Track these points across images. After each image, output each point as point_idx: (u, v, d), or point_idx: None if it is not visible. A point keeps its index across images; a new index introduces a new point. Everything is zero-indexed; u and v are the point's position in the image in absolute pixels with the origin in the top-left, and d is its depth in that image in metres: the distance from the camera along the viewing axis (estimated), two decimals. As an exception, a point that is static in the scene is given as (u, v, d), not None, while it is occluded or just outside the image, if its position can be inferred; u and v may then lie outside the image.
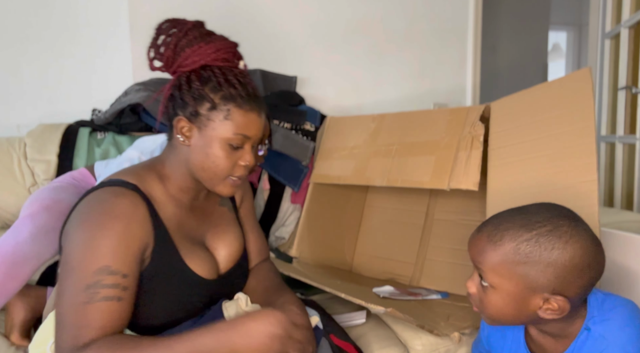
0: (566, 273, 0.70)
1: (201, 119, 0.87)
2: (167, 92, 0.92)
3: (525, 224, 0.73)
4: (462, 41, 2.43)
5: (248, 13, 2.00)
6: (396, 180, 1.34)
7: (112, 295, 0.76)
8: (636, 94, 2.27)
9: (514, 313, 0.75)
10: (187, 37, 0.90)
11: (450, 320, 1.18)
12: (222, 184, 0.91)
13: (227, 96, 0.87)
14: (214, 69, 0.89)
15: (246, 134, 0.88)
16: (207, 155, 0.88)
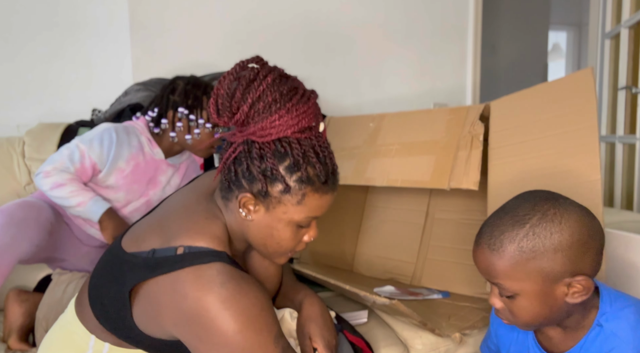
0: (574, 251, 0.70)
1: (271, 200, 0.77)
2: (232, 153, 0.78)
3: (515, 221, 0.73)
4: (462, 41, 2.43)
5: (248, 13, 2.00)
6: (396, 180, 1.34)
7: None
8: (636, 94, 2.27)
9: (547, 311, 0.74)
10: (265, 100, 0.75)
11: (452, 320, 1.18)
12: (282, 257, 0.86)
13: (304, 179, 0.76)
14: (292, 143, 0.76)
15: (317, 216, 0.82)
16: (272, 236, 0.80)
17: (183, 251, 0.73)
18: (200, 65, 1.93)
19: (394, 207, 1.70)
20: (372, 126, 1.53)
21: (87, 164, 1.22)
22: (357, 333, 1.07)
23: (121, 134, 1.27)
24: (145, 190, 1.35)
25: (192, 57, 1.93)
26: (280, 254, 0.84)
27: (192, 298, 0.69)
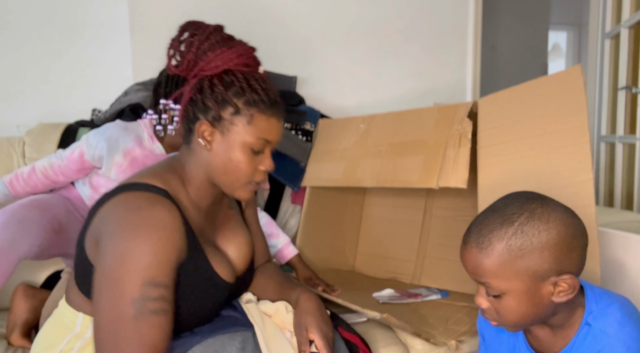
0: (560, 249, 0.71)
1: (224, 124, 0.88)
2: (187, 95, 0.90)
3: (504, 220, 0.73)
4: (462, 41, 2.43)
5: (248, 13, 2.00)
6: (386, 180, 1.34)
7: (160, 309, 0.74)
8: (636, 94, 2.27)
9: (534, 310, 0.75)
10: (210, 41, 0.90)
11: (449, 324, 1.18)
12: (243, 189, 0.92)
13: (251, 101, 0.87)
14: (236, 73, 0.89)
15: (268, 139, 0.90)
16: (230, 160, 0.88)
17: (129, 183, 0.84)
18: (200, 65, 1.94)
19: (392, 205, 1.70)
20: (362, 127, 1.53)
21: (75, 154, 1.28)
22: (352, 330, 1.07)
23: (117, 130, 1.30)
24: None
25: (192, 57, 1.94)
26: (241, 183, 0.91)
27: (110, 206, 0.80)
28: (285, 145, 1.72)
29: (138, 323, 0.72)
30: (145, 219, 0.76)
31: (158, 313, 0.74)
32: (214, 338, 0.82)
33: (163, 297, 0.75)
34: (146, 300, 0.73)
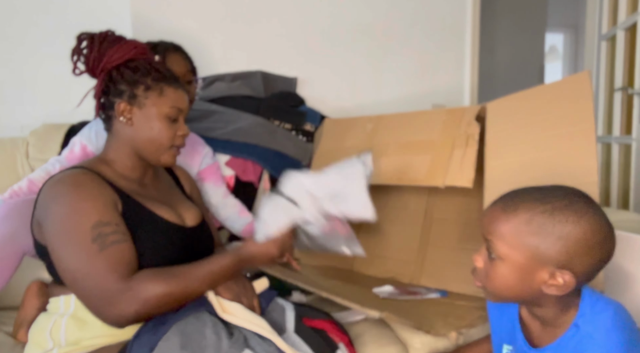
0: (576, 247, 0.71)
1: (139, 99, 1.00)
2: (98, 88, 1.03)
3: (541, 197, 0.74)
4: (460, 43, 2.44)
5: (249, 14, 2.02)
6: (391, 178, 1.35)
7: (118, 239, 0.87)
8: (632, 95, 2.29)
9: (519, 286, 0.76)
10: (107, 40, 1.03)
11: (449, 319, 1.18)
12: (167, 154, 1.04)
13: (157, 77, 1.02)
14: (138, 60, 1.03)
15: (179, 107, 1.03)
16: (152, 129, 1.01)
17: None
18: (201, 66, 1.95)
19: (393, 206, 1.71)
20: (369, 127, 1.54)
21: (77, 150, 1.33)
22: (320, 316, 1.06)
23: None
24: None
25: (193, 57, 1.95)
26: (165, 149, 1.03)
27: (42, 192, 0.93)
28: (285, 145, 1.73)
29: (106, 252, 0.84)
30: (72, 183, 0.90)
31: (119, 242, 0.86)
32: (185, 323, 0.85)
33: (116, 230, 0.87)
34: (103, 235, 0.85)
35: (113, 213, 0.90)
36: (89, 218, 0.86)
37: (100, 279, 0.83)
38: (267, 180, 1.72)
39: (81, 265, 0.84)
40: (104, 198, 0.90)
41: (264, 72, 2.02)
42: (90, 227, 0.85)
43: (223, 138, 1.64)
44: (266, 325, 0.90)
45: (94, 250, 0.84)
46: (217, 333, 0.84)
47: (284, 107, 1.88)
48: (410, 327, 1.10)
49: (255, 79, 1.99)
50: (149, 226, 0.96)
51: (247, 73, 2.00)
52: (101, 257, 0.84)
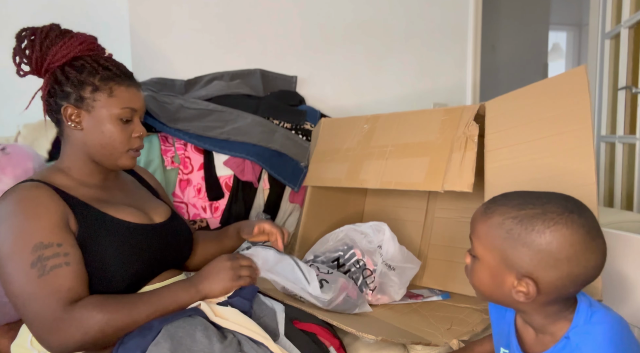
0: (539, 258, 0.70)
1: (87, 102, 0.94)
2: (44, 90, 0.97)
3: (519, 204, 0.74)
4: (462, 41, 2.43)
5: (248, 13, 2.00)
6: (390, 182, 1.33)
7: (59, 263, 0.81)
8: (636, 94, 2.27)
9: (492, 288, 0.77)
10: (49, 38, 0.96)
11: (453, 326, 1.17)
12: (124, 157, 0.98)
13: (106, 77, 0.95)
14: (84, 58, 0.96)
15: (132, 107, 0.97)
16: (103, 133, 0.95)
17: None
18: (200, 65, 1.93)
19: (394, 205, 1.70)
20: (366, 127, 1.52)
21: None
22: (310, 319, 1.05)
23: None
24: None
25: (192, 57, 1.94)
26: (120, 153, 0.97)
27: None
28: (285, 144, 1.72)
29: (44, 279, 0.79)
30: (15, 200, 0.85)
31: (59, 266, 0.81)
32: (175, 326, 0.83)
33: (57, 253, 0.82)
34: (42, 260, 0.80)
35: (58, 233, 0.84)
36: (29, 240, 0.81)
37: (40, 306, 0.79)
38: (266, 180, 1.71)
39: (22, 290, 0.80)
40: (49, 216, 0.84)
41: (263, 70, 2.01)
42: (30, 250, 0.80)
43: (221, 137, 1.63)
44: (259, 330, 0.89)
45: (33, 275, 0.79)
46: (208, 336, 0.82)
47: (283, 106, 1.86)
48: (408, 343, 1.08)
49: (254, 77, 1.97)
50: (112, 232, 0.92)
51: (246, 71, 1.98)
52: (40, 284, 0.79)
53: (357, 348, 1.13)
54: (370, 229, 1.37)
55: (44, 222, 0.83)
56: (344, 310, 1.16)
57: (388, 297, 1.30)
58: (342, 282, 1.16)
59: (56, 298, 0.79)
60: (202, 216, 1.61)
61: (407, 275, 1.33)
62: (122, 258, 0.91)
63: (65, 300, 0.80)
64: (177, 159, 1.60)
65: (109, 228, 0.92)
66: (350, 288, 1.18)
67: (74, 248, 0.85)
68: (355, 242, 1.35)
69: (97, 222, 0.91)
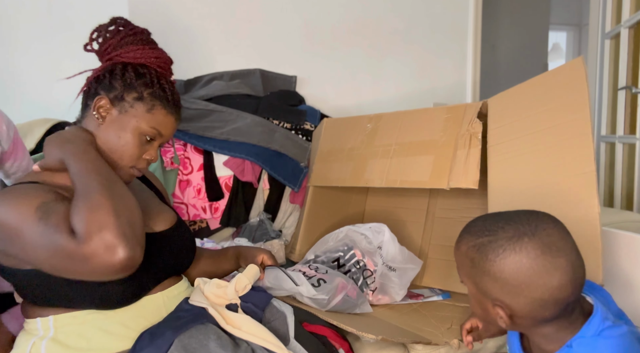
0: (500, 286, 0.69)
1: (124, 104, 0.91)
2: (96, 73, 0.95)
3: (479, 230, 0.73)
4: (462, 41, 2.42)
5: (248, 13, 2.00)
6: (395, 180, 1.33)
7: (59, 204, 0.77)
8: (636, 94, 2.26)
9: (483, 315, 0.76)
10: (135, 36, 0.96)
11: (453, 325, 1.17)
12: (123, 171, 0.92)
13: (156, 94, 0.93)
14: (150, 69, 0.95)
15: (161, 131, 0.94)
16: (119, 138, 0.91)
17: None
18: (200, 65, 1.93)
19: (395, 206, 1.70)
20: (369, 127, 1.52)
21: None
22: (319, 321, 1.04)
23: None
24: None
25: (191, 57, 1.93)
26: (123, 165, 0.92)
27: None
28: (285, 145, 1.72)
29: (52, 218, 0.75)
30: (10, 190, 0.81)
31: (63, 202, 0.78)
32: (188, 337, 0.82)
33: (55, 199, 0.79)
34: (47, 204, 0.77)
35: (55, 195, 0.80)
36: (32, 203, 0.77)
37: (64, 242, 0.72)
38: (266, 180, 1.70)
39: (42, 244, 0.74)
40: (49, 193, 0.81)
41: (263, 70, 2.01)
42: (34, 210, 0.76)
43: (221, 138, 1.63)
44: (274, 339, 0.87)
45: (38, 217, 0.75)
46: (222, 346, 0.81)
47: (283, 106, 1.86)
48: (409, 342, 1.08)
49: (254, 77, 1.97)
50: None
51: (246, 71, 1.98)
52: (50, 225, 0.74)
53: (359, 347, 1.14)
54: (370, 231, 1.37)
55: (44, 192, 0.80)
56: (344, 309, 1.16)
57: (389, 298, 1.30)
58: (339, 282, 1.17)
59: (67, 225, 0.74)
60: (202, 217, 1.61)
61: (408, 276, 1.33)
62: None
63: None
64: (177, 160, 1.60)
65: None
66: (349, 288, 1.18)
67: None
68: (356, 243, 1.35)
69: None
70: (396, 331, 1.11)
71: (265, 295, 1.03)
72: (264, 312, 0.99)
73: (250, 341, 0.87)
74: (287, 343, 0.92)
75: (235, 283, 0.97)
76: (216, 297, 0.95)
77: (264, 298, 1.02)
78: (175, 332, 0.83)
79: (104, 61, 0.96)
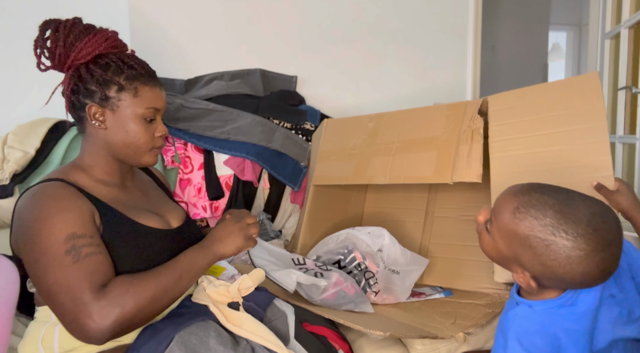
0: (519, 244, 0.74)
1: (112, 101, 0.94)
2: (67, 87, 0.96)
3: (552, 224, 0.73)
4: (462, 41, 2.43)
5: (248, 13, 2.00)
6: (398, 177, 1.34)
7: (93, 251, 0.82)
8: (636, 94, 2.27)
9: (497, 259, 0.82)
10: (74, 33, 0.95)
11: (456, 321, 1.18)
12: (147, 155, 0.99)
13: (131, 76, 0.94)
14: (109, 56, 0.95)
15: (156, 107, 0.97)
16: (127, 132, 0.95)
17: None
18: (200, 65, 1.93)
19: (394, 207, 1.71)
20: (370, 126, 1.53)
21: None
22: (319, 322, 1.05)
23: None
24: None
25: (192, 57, 1.94)
26: (144, 151, 0.98)
27: (18, 205, 0.88)
28: (285, 144, 1.72)
29: (79, 264, 0.79)
30: (47, 196, 0.86)
31: (93, 254, 0.82)
32: (188, 333, 0.82)
33: (90, 243, 0.83)
34: (77, 248, 0.80)
35: (88, 225, 0.85)
36: (62, 230, 0.81)
37: (74, 291, 0.78)
38: (266, 179, 1.71)
39: (55, 278, 0.79)
40: (79, 210, 0.85)
41: (263, 70, 2.01)
42: (64, 239, 0.81)
43: (222, 137, 1.63)
44: (273, 338, 0.88)
45: (68, 262, 0.79)
46: (222, 343, 0.82)
47: (283, 106, 1.86)
48: (416, 338, 1.09)
49: (254, 77, 1.97)
50: (130, 235, 0.92)
51: (246, 71, 1.98)
52: (75, 269, 0.79)
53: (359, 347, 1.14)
54: (369, 236, 1.37)
55: (76, 215, 0.84)
56: (337, 305, 1.16)
57: (394, 297, 1.31)
58: (336, 277, 1.18)
59: (91, 281, 0.79)
60: (203, 216, 1.61)
61: (412, 278, 1.34)
62: (140, 263, 0.90)
63: (99, 283, 0.80)
64: (177, 159, 1.60)
65: (128, 231, 0.92)
66: (346, 285, 1.18)
67: (102, 242, 0.86)
68: (356, 246, 1.35)
69: (118, 223, 0.91)
70: (402, 327, 1.12)
71: (267, 294, 1.03)
72: (265, 311, 1.00)
73: (250, 339, 0.87)
74: (287, 343, 0.93)
75: (239, 283, 0.97)
76: (219, 295, 0.96)
77: (266, 297, 1.02)
78: (176, 328, 0.83)
79: (65, 71, 0.97)
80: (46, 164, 1.44)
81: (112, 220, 0.91)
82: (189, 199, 1.60)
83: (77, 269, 0.79)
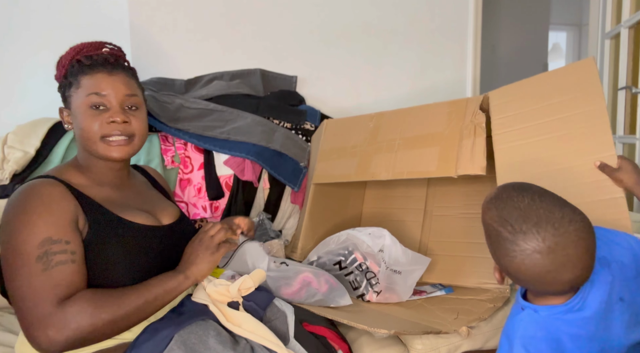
0: (485, 233, 0.77)
1: (68, 100, 0.99)
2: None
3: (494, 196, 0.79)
4: (462, 41, 2.42)
5: (248, 13, 2.00)
6: (402, 172, 1.35)
7: (65, 259, 0.82)
8: (636, 94, 2.27)
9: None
10: (65, 54, 1.04)
11: (460, 316, 1.19)
12: (101, 147, 0.96)
13: (75, 71, 0.98)
14: (72, 60, 1.01)
15: (96, 91, 0.96)
16: (79, 124, 0.97)
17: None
18: (200, 65, 1.93)
19: (393, 207, 1.71)
20: (371, 125, 1.53)
21: None
22: (318, 322, 1.05)
23: None
24: None
25: (192, 56, 1.94)
26: (94, 141, 0.96)
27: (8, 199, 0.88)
28: (285, 144, 1.72)
29: (47, 273, 0.80)
30: (29, 194, 0.86)
31: (65, 263, 0.81)
32: (188, 332, 0.83)
33: (65, 250, 0.82)
34: (49, 254, 0.80)
35: (66, 230, 0.84)
36: (39, 233, 0.81)
37: (37, 300, 0.78)
38: (266, 179, 1.71)
39: (21, 283, 0.79)
40: (61, 213, 0.85)
41: (264, 70, 2.01)
42: (39, 243, 0.81)
43: (222, 137, 1.63)
44: (273, 337, 0.88)
45: (37, 269, 0.79)
46: (221, 342, 0.82)
47: (283, 106, 1.86)
48: (420, 334, 1.09)
49: (254, 77, 1.97)
50: (114, 231, 0.92)
51: (246, 71, 1.98)
52: (42, 278, 0.79)
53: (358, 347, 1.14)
54: (370, 237, 1.37)
55: (55, 218, 0.84)
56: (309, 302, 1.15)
57: (396, 297, 1.31)
58: (303, 276, 1.17)
59: (55, 292, 0.79)
60: (203, 216, 1.61)
61: (414, 277, 1.34)
62: (129, 259, 0.91)
63: (62, 296, 0.79)
64: (177, 159, 1.61)
65: (118, 231, 0.92)
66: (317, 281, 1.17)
67: (80, 248, 0.86)
68: (357, 246, 1.35)
69: (109, 224, 0.92)
70: (406, 324, 1.12)
71: (267, 294, 1.04)
72: (265, 311, 1.00)
73: (249, 339, 0.87)
74: (286, 343, 0.93)
75: (240, 283, 0.97)
76: (219, 294, 0.96)
77: (266, 297, 1.02)
78: (175, 327, 0.84)
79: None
80: (46, 164, 1.44)
81: (100, 219, 0.91)
82: (189, 199, 1.60)
83: (45, 278, 0.79)
